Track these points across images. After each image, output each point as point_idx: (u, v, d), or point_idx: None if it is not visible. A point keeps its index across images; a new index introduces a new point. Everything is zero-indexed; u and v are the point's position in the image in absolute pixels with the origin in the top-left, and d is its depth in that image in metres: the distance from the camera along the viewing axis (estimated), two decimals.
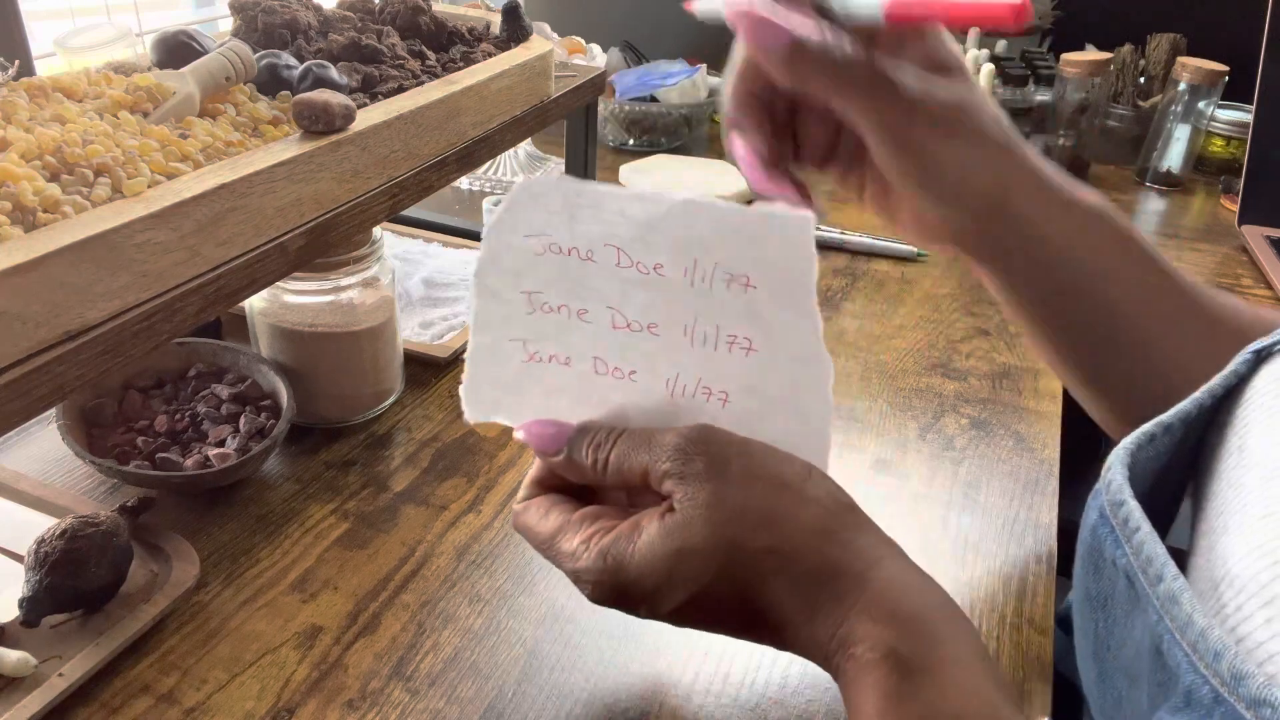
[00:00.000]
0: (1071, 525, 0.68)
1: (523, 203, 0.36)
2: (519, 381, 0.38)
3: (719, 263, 0.35)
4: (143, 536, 0.52)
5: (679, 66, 1.25)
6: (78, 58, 0.58)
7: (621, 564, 0.34)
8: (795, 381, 0.37)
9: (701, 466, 0.34)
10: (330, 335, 0.62)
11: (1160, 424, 0.37)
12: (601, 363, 0.37)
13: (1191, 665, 0.30)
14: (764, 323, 0.37)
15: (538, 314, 0.37)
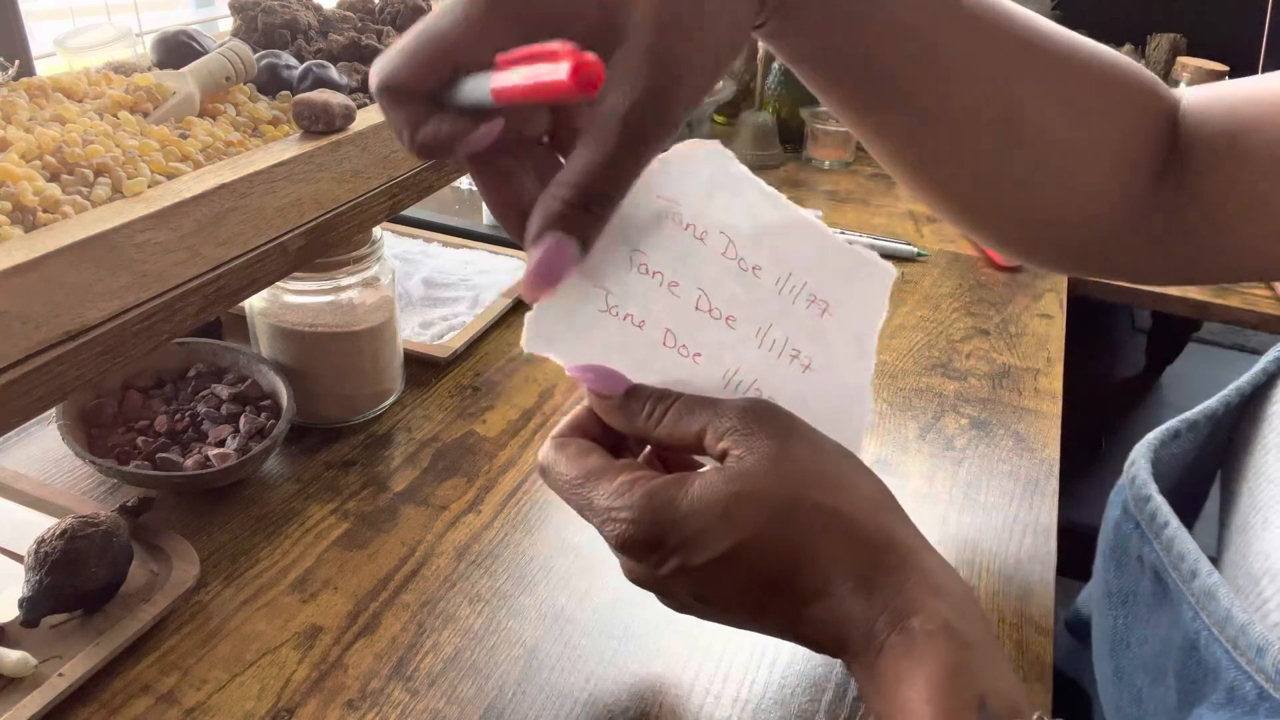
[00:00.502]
0: (1071, 525, 0.68)
1: (676, 163, 0.36)
2: (589, 327, 0.37)
3: (809, 282, 0.38)
4: (143, 536, 0.52)
5: None
6: (78, 58, 0.58)
7: (671, 501, 0.33)
8: (837, 409, 0.38)
9: (768, 426, 0.34)
10: (330, 335, 0.62)
11: (1185, 420, 0.38)
12: (672, 336, 0.38)
13: (1233, 661, 0.30)
14: (828, 348, 0.39)
15: (634, 272, 0.37)
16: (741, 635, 0.50)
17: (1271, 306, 1.00)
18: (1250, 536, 0.34)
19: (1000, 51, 0.38)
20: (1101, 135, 0.39)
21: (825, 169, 1.22)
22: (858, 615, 0.32)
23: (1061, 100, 0.39)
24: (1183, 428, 0.37)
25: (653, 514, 0.33)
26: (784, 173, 1.20)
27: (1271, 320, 0.99)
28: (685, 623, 0.51)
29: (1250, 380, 0.38)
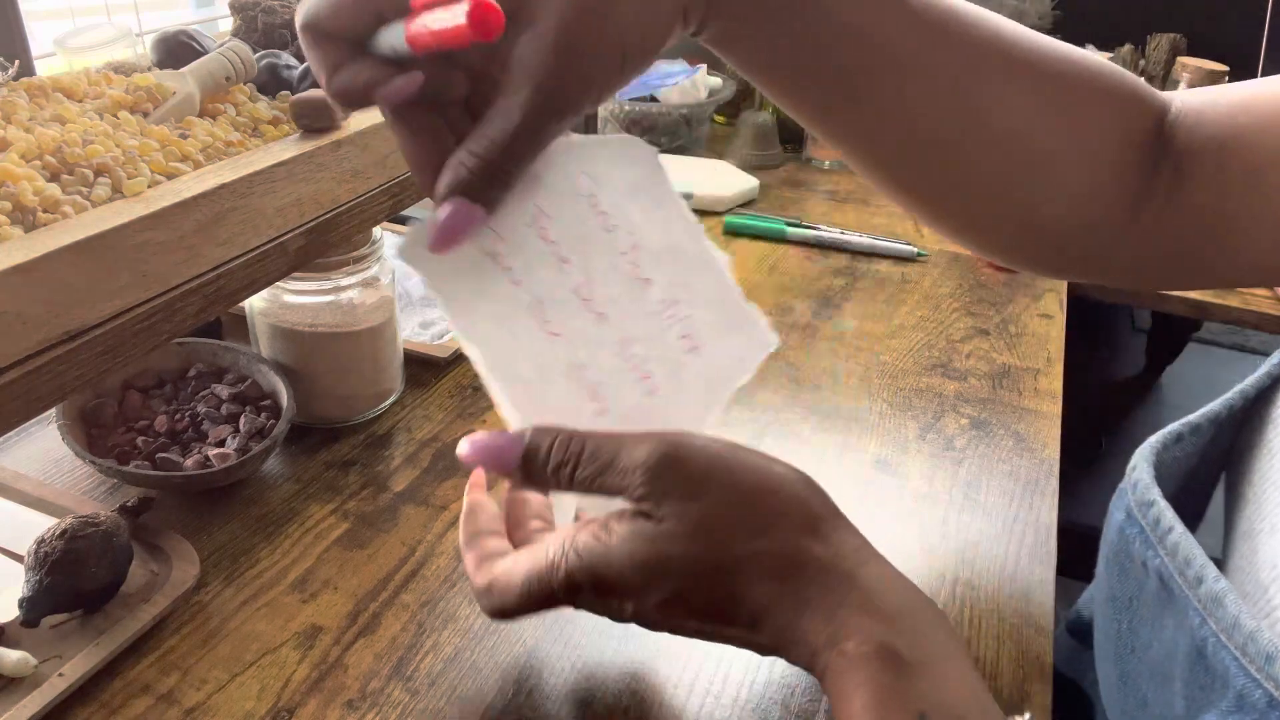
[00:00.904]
0: (1071, 525, 0.68)
1: (612, 147, 0.36)
2: (466, 262, 0.36)
3: (692, 317, 0.37)
4: (143, 536, 0.52)
5: (679, 66, 1.25)
6: (78, 58, 0.58)
7: (604, 555, 0.34)
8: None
9: (678, 487, 0.33)
10: (330, 335, 0.62)
11: (1188, 424, 0.37)
12: (540, 307, 0.37)
13: (1242, 669, 0.30)
14: (680, 383, 0.38)
15: (532, 231, 0.36)
16: None
17: (1271, 306, 1.00)
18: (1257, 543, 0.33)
19: (956, 52, 0.37)
20: (1075, 138, 0.38)
21: (825, 169, 1.22)
22: (801, 638, 0.33)
23: (1029, 102, 0.38)
24: (1185, 431, 0.37)
25: (587, 574, 0.34)
26: (784, 173, 1.20)
27: (1271, 320, 0.99)
28: None
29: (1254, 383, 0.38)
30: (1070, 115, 0.38)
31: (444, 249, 0.34)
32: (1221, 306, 1.01)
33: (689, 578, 0.33)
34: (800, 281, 0.91)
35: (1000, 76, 0.38)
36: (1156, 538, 0.35)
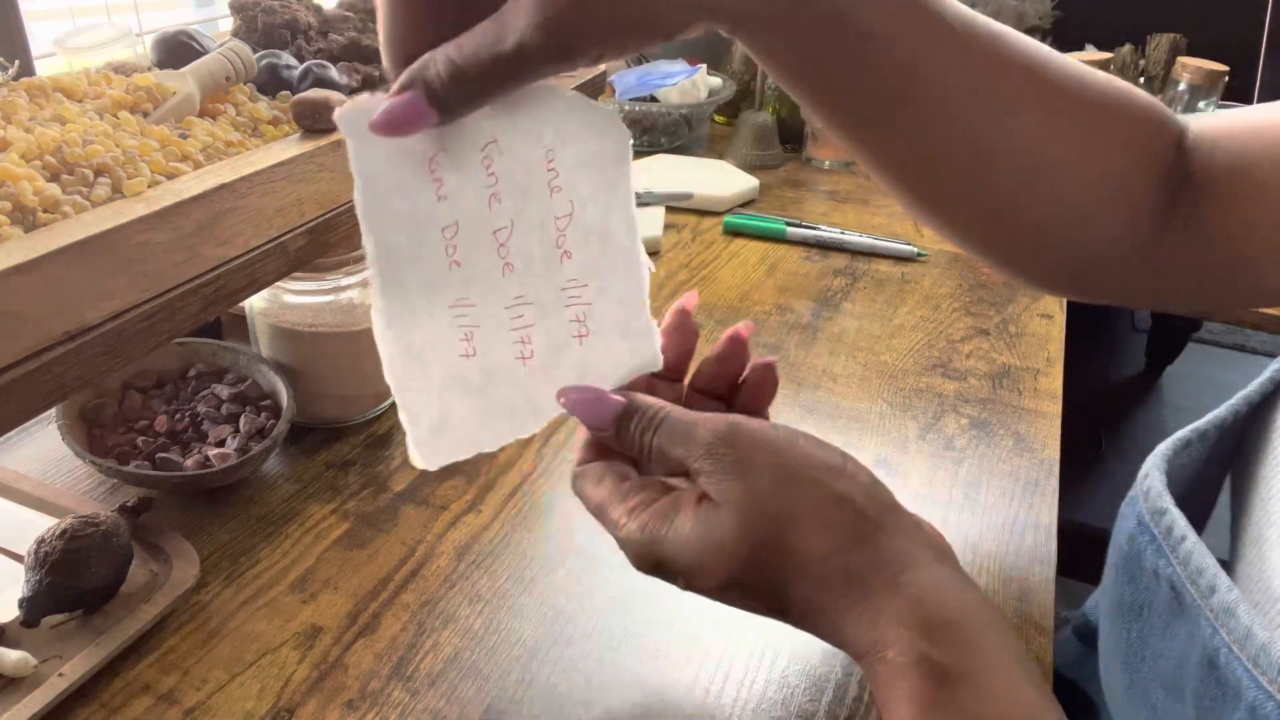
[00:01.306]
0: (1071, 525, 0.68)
1: (591, 113, 0.35)
2: (399, 163, 0.35)
3: (593, 307, 0.37)
4: (143, 536, 0.52)
5: (679, 66, 1.25)
6: (78, 58, 0.58)
7: (658, 540, 0.34)
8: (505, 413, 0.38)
9: (731, 465, 0.34)
10: (330, 335, 0.62)
11: (1196, 430, 0.37)
12: (453, 232, 0.36)
13: (1254, 680, 0.30)
14: (553, 359, 0.38)
15: (476, 155, 0.35)
16: (741, 635, 0.50)
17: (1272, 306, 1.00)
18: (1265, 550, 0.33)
19: (988, 72, 0.37)
20: (1099, 161, 0.38)
21: (825, 169, 1.22)
22: (846, 641, 0.33)
23: (1055, 124, 0.38)
24: (1194, 437, 0.37)
25: (646, 549, 0.35)
26: (784, 172, 1.20)
27: (1272, 320, 0.99)
28: (685, 623, 0.51)
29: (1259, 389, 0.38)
30: (1095, 138, 0.38)
31: (382, 134, 0.32)
32: None
33: (741, 565, 0.33)
34: (800, 281, 0.91)
35: (1029, 100, 0.38)
36: (1169, 546, 0.34)
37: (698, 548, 0.33)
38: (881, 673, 0.31)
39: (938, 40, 0.36)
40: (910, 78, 0.37)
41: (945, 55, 0.37)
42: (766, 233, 1.02)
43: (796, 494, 0.33)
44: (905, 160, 0.40)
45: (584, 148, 0.36)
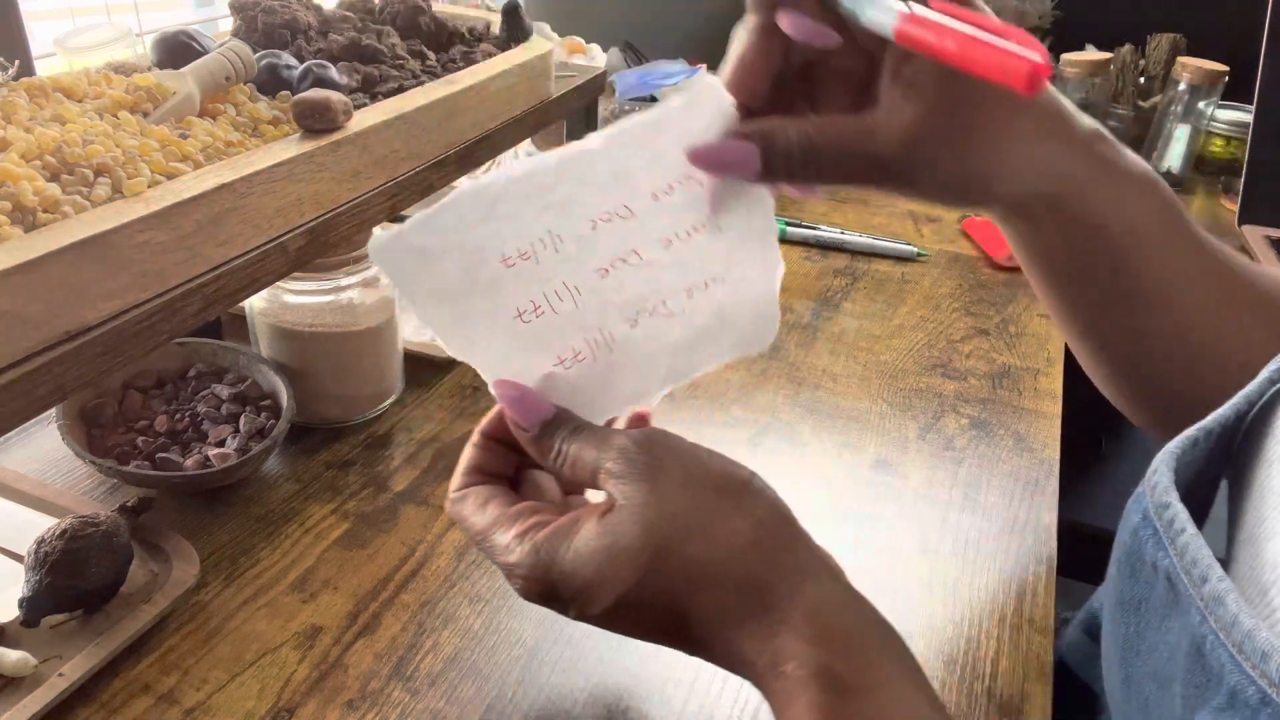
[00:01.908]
0: (1071, 525, 0.68)
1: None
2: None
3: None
4: (143, 536, 0.52)
5: (679, 66, 1.25)
6: (78, 58, 0.58)
7: (554, 559, 0.34)
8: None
9: (642, 467, 0.34)
10: (330, 335, 0.62)
11: (1202, 429, 0.37)
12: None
13: (1237, 665, 0.30)
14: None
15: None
16: None
17: None
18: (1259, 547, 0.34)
19: (1212, 275, 0.42)
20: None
21: None
22: (745, 659, 0.33)
23: (1255, 329, 0.41)
24: (1201, 435, 0.37)
25: (542, 571, 0.34)
26: None
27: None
28: None
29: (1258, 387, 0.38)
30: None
31: (701, 165, 0.35)
32: None
33: (641, 575, 0.33)
34: (800, 281, 0.91)
35: (1237, 304, 0.41)
36: (1169, 539, 0.35)
37: (599, 559, 0.33)
38: (780, 688, 0.31)
39: (1186, 249, 0.42)
40: (1153, 278, 0.41)
41: (1186, 262, 0.41)
42: None
43: (701, 503, 0.33)
44: (1117, 343, 0.44)
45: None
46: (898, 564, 0.56)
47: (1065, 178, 0.39)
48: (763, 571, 0.33)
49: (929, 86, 0.35)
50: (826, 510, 0.61)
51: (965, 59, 0.30)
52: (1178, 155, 1.28)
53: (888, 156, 0.35)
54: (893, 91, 0.35)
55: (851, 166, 0.36)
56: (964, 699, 0.48)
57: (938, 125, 0.35)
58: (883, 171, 0.36)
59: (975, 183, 0.38)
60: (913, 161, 0.36)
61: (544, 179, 0.35)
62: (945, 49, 0.30)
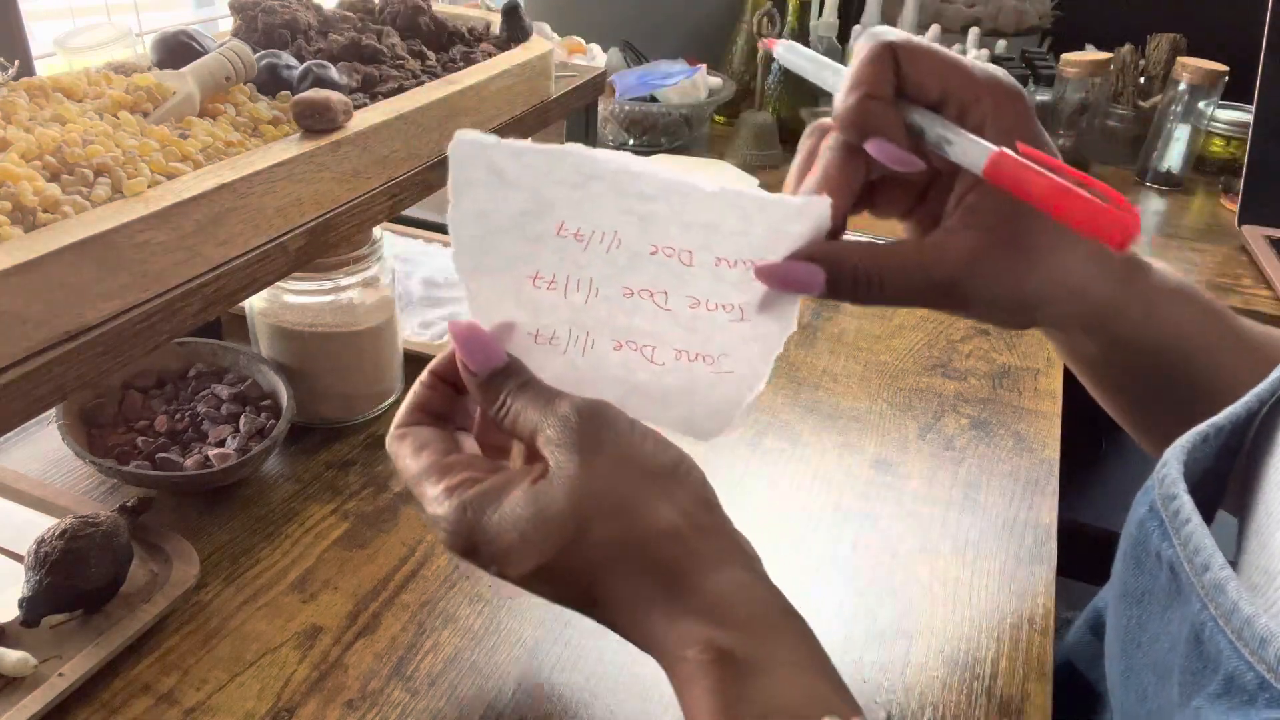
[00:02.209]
0: (1072, 525, 0.68)
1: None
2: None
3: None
4: (143, 536, 0.52)
5: (679, 66, 1.25)
6: (78, 58, 0.58)
7: (479, 520, 0.34)
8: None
9: (578, 439, 0.34)
10: (330, 335, 0.62)
11: (1214, 424, 0.38)
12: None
13: (1235, 651, 0.30)
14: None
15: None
16: None
17: (1272, 306, 1.00)
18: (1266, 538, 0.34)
19: (1257, 364, 0.42)
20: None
21: None
22: (652, 640, 0.34)
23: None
24: (1211, 432, 0.38)
25: (466, 529, 0.34)
26: (784, 173, 1.20)
27: (1271, 320, 0.99)
28: None
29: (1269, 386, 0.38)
30: None
31: (766, 281, 0.37)
32: None
33: (563, 545, 0.33)
34: None
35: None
36: (1174, 529, 0.35)
37: (522, 527, 0.34)
38: (682, 671, 0.32)
39: (1235, 349, 0.43)
40: (1204, 382, 0.43)
41: (1236, 361, 0.43)
42: None
43: (628, 483, 0.34)
44: (1167, 427, 0.45)
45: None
46: (898, 564, 0.56)
47: (1109, 299, 0.41)
48: (675, 558, 0.34)
49: (991, 214, 0.37)
50: (826, 510, 0.61)
51: (1058, 208, 0.32)
52: (1178, 155, 1.28)
53: (947, 282, 0.37)
54: (956, 215, 0.38)
55: (911, 290, 0.38)
56: (964, 699, 0.48)
57: (996, 252, 0.37)
58: (942, 296, 0.38)
59: (1028, 306, 0.39)
60: (971, 287, 0.38)
61: (646, 187, 0.36)
62: (1037, 194, 0.33)
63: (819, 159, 0.39)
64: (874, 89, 0.37)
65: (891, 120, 0.37)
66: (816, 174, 0.38)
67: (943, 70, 0.37)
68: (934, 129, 0.36)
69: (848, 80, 0.37)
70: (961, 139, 0.35)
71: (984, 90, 0.37)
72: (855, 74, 0.37)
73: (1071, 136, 1.27)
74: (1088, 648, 0.54)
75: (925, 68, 0.37)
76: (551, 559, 0.34)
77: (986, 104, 0.36)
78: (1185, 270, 1.07)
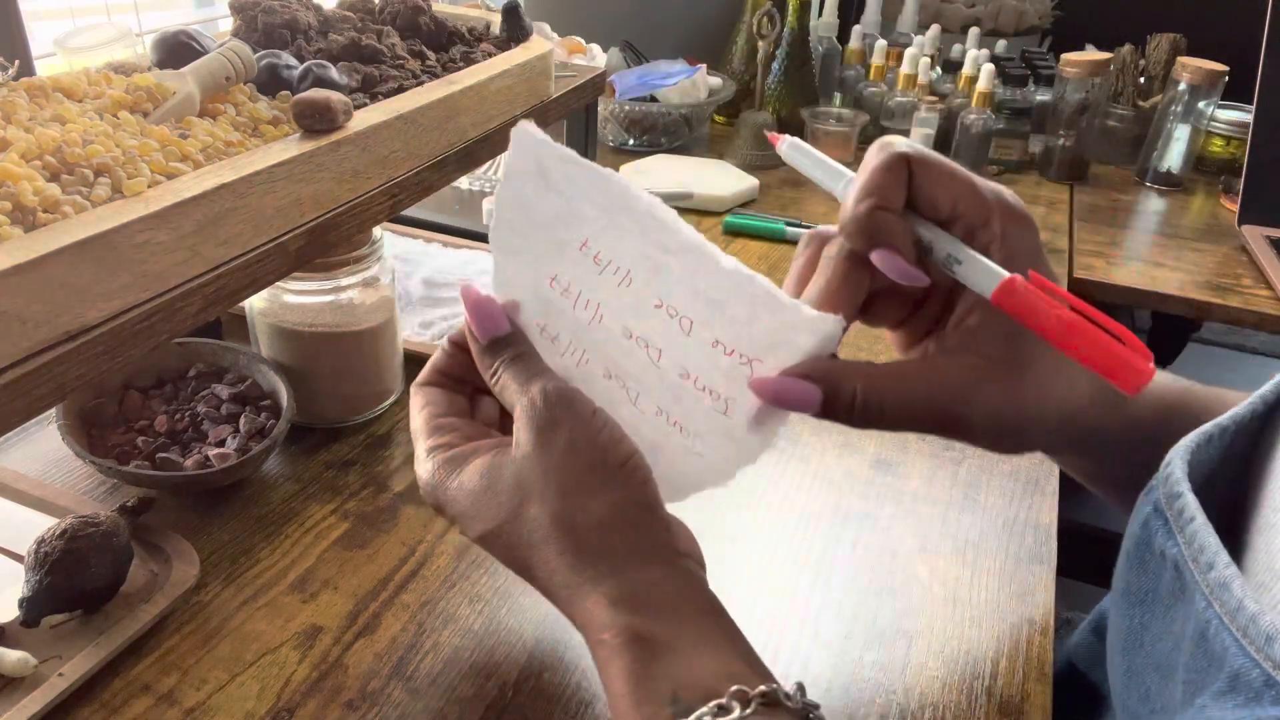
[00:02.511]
0: (1072, 525, 0.68)
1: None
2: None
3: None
4: (143, 536, 0.52)
5: (679, 66, 1.25)
6: (78, 58, 0.58)
7: (443, 483, 0.39)
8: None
9: (540, 421, 0.37)
10: (330, 335, 0.62)
11: (1218, 425, 0.38)
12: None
13: (1241, 649, 0.30)
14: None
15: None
16: None
17: (1272, 306, 1.00)
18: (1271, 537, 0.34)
19: None
20: None
21: None
22: (578, 619, 0.36)
23: None
24: (1216, 432, 0.38)
25: (432, 489, 0.40)
26: (784, 173, 1.20)
27: (1271, 320, 0.99)
28: None
29: (1273, 388, 0.38)
30: None
31: (760, 396, 0.37)
32: (1222, 307, 1.01)
33: (504, 517, 0.37)
34: None
35: None
36: (1178, 528, 0.35)
37: (473, 497, 0.38)
38: (600, 652, 0.35)
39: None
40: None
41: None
42: (766, 233, 1.02)
43: (571, 472, 0.36)
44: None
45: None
46: (898, 564, 0.56)
47: (1100, 423, 0.41)
48: (600, 548, 0.36)
49: (992, 338, 0.37)
50: (827, 510, 0.61)
51: (1073, 345, 0.32)
52: (1178, 155, 1.28)
53: (949, 408, 0.37)
54: (955, 336, 0.37)
55: (913, 418, 0.37)
56: (964, 699, 0.48)
57: (996, 376, 0.37)
58: (942, 421, 0.37)
59: (1022, 430, 0.39)
60: (971, 412, 0.37)
61: (668, 239, 0.37)
62: (1050, 327, 0.32)
63: (822, 266, 0.38)
64: (885, 200, 0.36)
65: (901, 233, 0.36)
66: (820, 283, 0.38)
67: (955, 187, 0.36)
68: (943, 247, 0.36)
69: (858, 189, 0.36)
70: (972, 260, 0.35)
71: (994, 212, 0.36)
72: (867, 183, 0.36)
73: (1071, 136, 1.27)
74: (1090, 650, 0.54)
75: (938, 182, 0.36)
76: (493, 528, 0.37)
77: (996, 226, 0.36)
78: (1185, 270, 1.07)
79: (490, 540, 0.38)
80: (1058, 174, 1.30)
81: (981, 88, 1.23)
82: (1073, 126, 1.27)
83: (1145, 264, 1.08)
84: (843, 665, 0.49)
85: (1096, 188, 1.29)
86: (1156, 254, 1.11)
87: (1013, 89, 1.29)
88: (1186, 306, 1.02)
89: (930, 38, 1.42)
